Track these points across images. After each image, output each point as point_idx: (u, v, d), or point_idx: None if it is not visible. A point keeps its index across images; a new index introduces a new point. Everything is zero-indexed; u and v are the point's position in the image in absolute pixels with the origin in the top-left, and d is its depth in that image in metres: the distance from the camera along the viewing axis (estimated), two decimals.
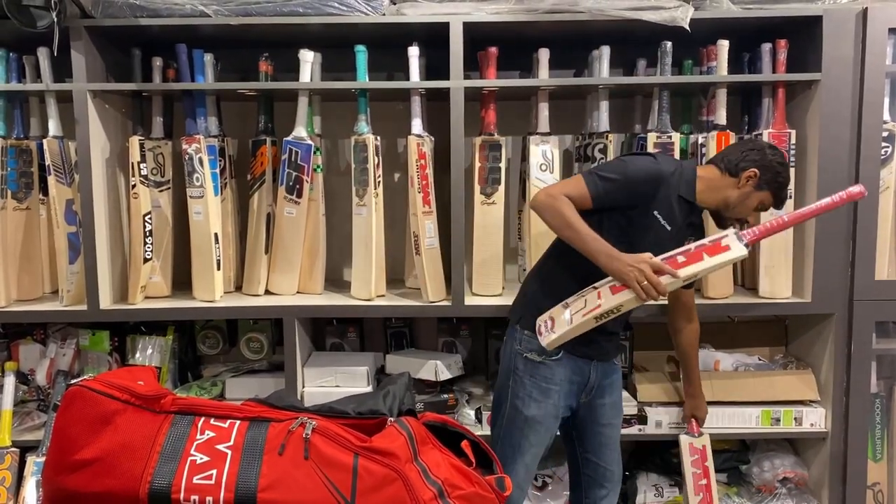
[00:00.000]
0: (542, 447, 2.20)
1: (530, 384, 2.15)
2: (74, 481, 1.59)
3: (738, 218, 2.13)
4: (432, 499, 1.58)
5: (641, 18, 2.36)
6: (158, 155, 2.62)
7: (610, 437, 2.30)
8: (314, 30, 2.48)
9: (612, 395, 2.29)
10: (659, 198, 2.06)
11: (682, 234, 2.13)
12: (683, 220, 2.12)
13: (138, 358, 2.68)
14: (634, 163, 2.08)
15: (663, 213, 2.08)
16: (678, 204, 2.10)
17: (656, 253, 2.01)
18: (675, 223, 2.10)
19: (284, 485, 1.56)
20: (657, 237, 2.08)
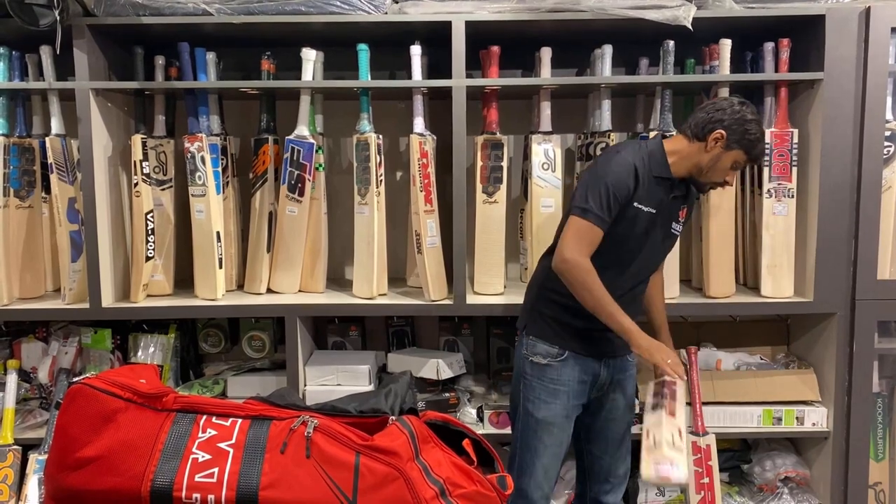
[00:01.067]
0: (559, 447, 2.19)
1: (539, 387, 2.16)
2: (77, 479, 1.59)
3: (716, 182, 2.10)
4: (434, 497, 1.58)
5: (644, 17, 2.36)
6: (161, 153, 2.62)
7: (616, 432, 2.28)
8: (316, 28, 2.48)
9: (625, 392, 2.26)
10: (636, 191, 2.05)
11: (670, 209, 2.12)
12: (667, 196, 2.10)
13: (140, 356, 2.68)
14: (607, 172, 2.03)
15: (643, 200, 2.06)
16: (655, 185, 2.07)
17: (646, 240, 2.09)
18: (657, 204, 2.08)
19: (286, 483, 1.56)
20: (645, 225, 2.08)
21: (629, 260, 2.12)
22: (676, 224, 2.18)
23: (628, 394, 2.28)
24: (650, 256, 2.16)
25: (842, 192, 2.46)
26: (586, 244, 2.02)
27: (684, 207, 2.18)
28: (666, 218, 2.12)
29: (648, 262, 2.17)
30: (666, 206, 2.11)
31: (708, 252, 2.55)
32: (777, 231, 2.53)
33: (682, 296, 2.59)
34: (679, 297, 2.57)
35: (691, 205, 2.25)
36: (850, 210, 2.47)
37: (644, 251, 2.13)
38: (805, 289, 2.54)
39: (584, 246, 2.02)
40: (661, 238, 2.15)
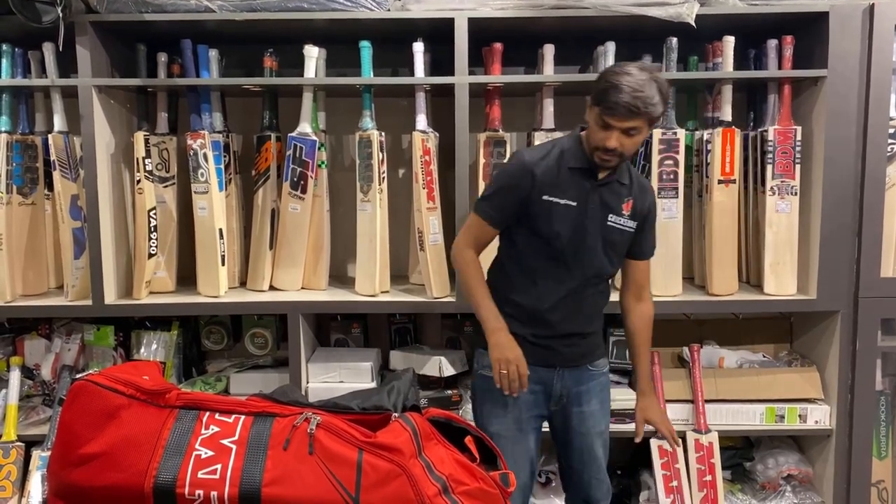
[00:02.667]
0: (519, 459, 2.07)
1: (490, 400, 2.09)
2: (80, 475, 1.59)
3: (597, 147, 1.95)
4: (436, 494, 1.58)
5: (647, 14, 2.36)
6: (163, 150, 2.62)
7: (588, 445, 2.15)
8: (319, 25, 2.48)
9: (589, 404, 2.14)
10: (540, 183, 2.00)
11: (601, 200, 2.03)
12: (590, 186, 2.02)
13: (143, 353, 2.68)
14: (502, 169, 2.12)
15: (557, 193, 2.00)
16: (574, 177, 2.02)
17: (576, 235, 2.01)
18: (577, 196, 2.01)
19: (289, 479, 1.56)
20: (565, 217, 2.01)
21: (562, 258, 2.04)
22: (617, 217, 2.06)
23: (594, 406, 2.15)
24: (588, 254, 2.05)
25: (845, 189, 2.45)
26: (472, 236, 2.10)
27: (629, 200, 2.06)
28: (597, 210, 2.03)
29: (588, 260, 2.05)
30: (592, 197, 2.02)
31: (711, 249, 2.55)
32: (780, 228, 2.52)
33: (685, 293, 2.59)
34: (682, 295, 2.57)
35: (644, 199, 2.10)
36: (853, 207, 2.46)
37: (578, 248, 2.03)
38: (808, 286, 2.54)
39: (469, 238, 2.10)
40: (597, 231, 2.04)
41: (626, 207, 2.07)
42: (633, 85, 1.85)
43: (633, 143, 1.94)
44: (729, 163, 2.51)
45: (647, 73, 1.89)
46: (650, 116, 1.89)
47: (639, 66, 1.91)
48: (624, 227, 2.08)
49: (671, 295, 2.55)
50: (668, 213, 2.52)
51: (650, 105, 1.86)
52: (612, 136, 1.90)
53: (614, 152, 1.92)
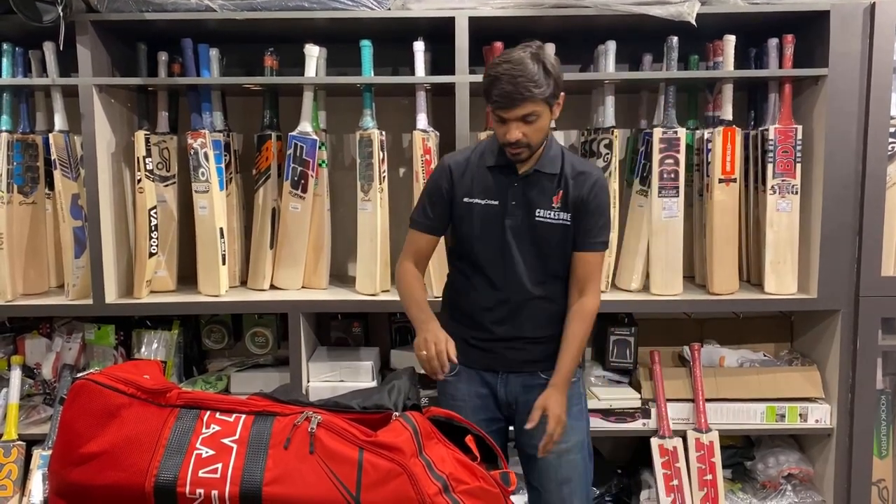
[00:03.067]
0: None
1: (444, 405, 1.98)
2: (80, 474, 1.59)
3: (502, 143, 1.88)
4: (437, 493, 1.58)
5: (648, 13, 2.36)
6: (164, 150, 2.62)
7: (548, 464, 1.95)
8: (319, 24, 2.47)
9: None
10: (459, 184, 1.96)
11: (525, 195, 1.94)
12: (509, 182, 1.94)
13: (143, 352, 2.68)
14: (428, 178, 2.07)
15: (477, 194, 1.95)
16: (495, 175, 1.95)
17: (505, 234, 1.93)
18: (498, 193, 1.94)
19: (290, 479, 1.56)
20: (484, 217, 1.95)
21: (488, 259, 1.97)
22: (545, 210, 1.93)
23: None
24: (521, 254, 1.95)
25: (846, 188, 2.45)
26: (410, 249, 2.06)
27: (559, 190, 1.93)
28: (520, 207, 1.93)
29: (514, 260, 1.95)
30: (514, 194, 1.94)
31: (711, 248, 2.55)
32: (781, 227, 2.52)
33: (686, 292, 2.59)
34: (682, 294, 2.57)
35: (580, 186, 1.93)
36: (854, 207, 2.46)
37: (501, 248, 1.95)
38: (809, 285, 2.54)
39: (408, 251, 2.07)
40: (521, 229, 1.94)
41: (555, 199, 1.94)
42: (510, 72, 1.78)
43: (537, 129, 1.84)
44: (730, 162, 2.51)
45: (526, 53, 1.80)
46: (538, 98, 1.79)
47: (519, 48, 1.83)
48: (553, 221, 1.94)
49: (672, 294, 2.55)
50: (668, 212, 2.52)
51: (533, 87, 1.77)
52: (511, 129, 1.83)
53: (518, 144, 1.84)
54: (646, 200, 2.57)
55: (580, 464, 2.00)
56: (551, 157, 1.95)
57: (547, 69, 1.80)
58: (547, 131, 1.90)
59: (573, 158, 1.99)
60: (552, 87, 1.82)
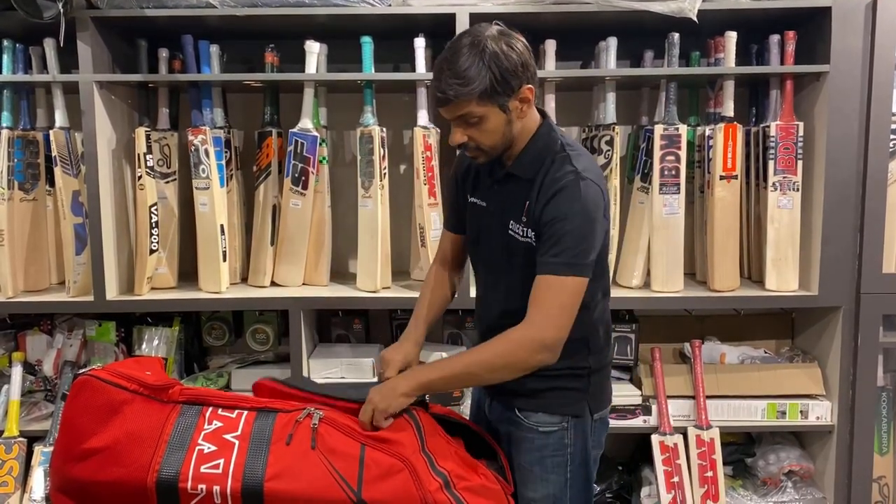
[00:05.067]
0: None
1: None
2: (82, 470, 1.59)
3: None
4: (438, 489, 1.58)
5: (649, 9, 2.35)
6: (164, 146, 2.62)
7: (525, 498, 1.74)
8: (320, 21, 2.47)
9: (519, 455, 1.75)
10: (463, 180, 1.83)
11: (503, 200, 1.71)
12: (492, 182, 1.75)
13: (144, 349, 2.69)
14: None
15: (475, 192, 1.79)
16: (485, 173, 1.76)
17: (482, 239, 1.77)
18: (485, 194, 1.77)
19: (291, 474, 1.56)
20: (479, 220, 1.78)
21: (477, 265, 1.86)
22: (516, 224, 1.67)
23: (523, 461, 1.74)
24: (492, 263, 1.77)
25: (847, 185, 2.45)
26: (440, 248, 1.96)
27: (527, 201, 1.64)
28: (498, 212, 1.71)
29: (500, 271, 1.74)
30: (495, 198, 1.73)
31: (712, 245, 2.55)
32: (782, 224, 2.52)
33: (687, 289, 2.59)
34: (683, 291, 2.57)
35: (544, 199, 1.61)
36: (855, 203, 2.46)
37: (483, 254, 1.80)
38: (810, 282, 2.54)
39: (438, 251, 1.97)
40: (498, 238, 1.71)
41: (524, 211, 1.65)
42: (440, 65, 1.55)
43: (486, 133, 1.58)
44: (731, 158, 2.51)
45: (467, 42, 1.54)
46: (470, 96, 1.52)
47: (469, 31, 1.58)
48: (520, 239, 1.66)
49: (673, 291, 2.55)
50: (669, 209, 2.52)
51: (459, 85, 1.51)
52: (455, 132, 1.61)
53: (467, 147, 1.63)
54: (647, 197, 2.56)
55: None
56: (531, 159, 1.65)
57: (486, 63, 1.51)
58: (506, 134, 1.61)
59: (559, 161, 1.63)
60: (493, 84, 1.52)
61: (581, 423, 1.74)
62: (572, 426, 1.73)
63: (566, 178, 1.59)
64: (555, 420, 1.72)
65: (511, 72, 1.54)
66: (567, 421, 1.73)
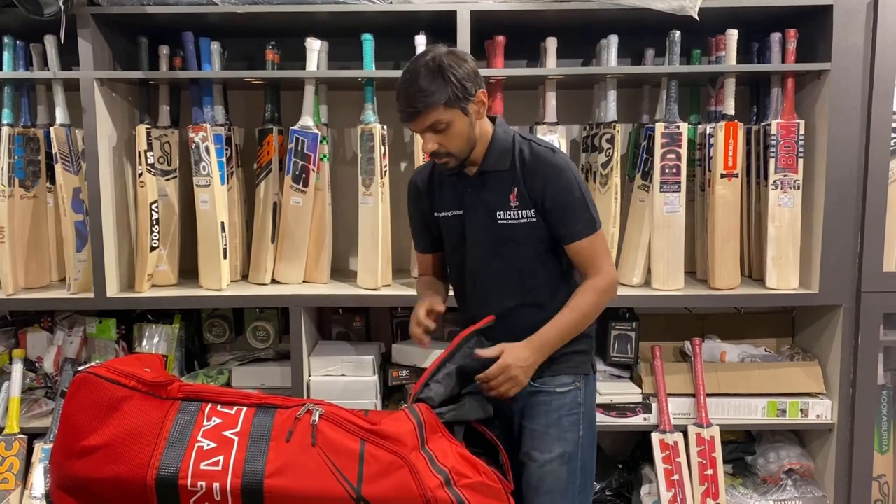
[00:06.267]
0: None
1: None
2: (82, 467, 1.59)
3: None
4: (439, 486, 1.58)
5: (650, 7, 2.35)
6: (165, 143, 2.62)
7: (529, 470, 1.84)
8: (321, 18, 2.47)
9: (531, 420, 1.86)
10: (429, 200, 1.94)
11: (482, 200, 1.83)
12: (467, 190, 1.85)
13: (145, 346, 2.69)
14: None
15: (443, 207, 1.91)
16: (452, 183, 1.88)
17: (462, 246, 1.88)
18: (459, 203, 1.87)
19: (291, 471, 1.56)
20: (453, 229, 1.90)
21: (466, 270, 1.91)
22: (506, 211, 1.81)
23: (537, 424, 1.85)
24: (483, 263, 1.86)
25: (848, 183, 2.45)
26: (419, 268, 2.12)
27: (514, 188, 1.79)
28: (479, 212, 1.83)
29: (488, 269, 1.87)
30: (471, 200, 1.84)
31: (713, 243, 2.55)
32: (783, 223, 2.52)
33: (687, 287, 2.58)
34: (684, 289, 2.57)
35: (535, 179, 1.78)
36: (856, 202, 2.46)
37: (472, 258, 1.88)
38: (810, 281, 2.53)
39: (419, 271, 2.12)
40: (486, 236, 1.84)
41: (512, 197, 1.80)
42: (404, 84, 1.71)
43: (454, 136, 1.74)
44: (732, 157, 2.50)
45: (424, 62, 1.71)
46: (436, 105, 1.68)
47: (424, 53, 1.75)
48: (515, 221, 1.81)
49: (673, 289, 2.55)
50: (670, 207, 2.52)
51: (424, 97, 1.68)
52: (425, 140, 1.75)
53: (439, 154, 1.76)
54: (647, 195, 2.56)
55: (564, 477, 1.84)
56: (499, 153, 1.82)
57: (444, 75, 1.68)
58: (470, 135, 1.76)
59: (528, 147, 1.81)
60: (454, 91, 1.69)
61: (589, 381, 1.93)
62: (583, 384, 1.90)
63: (548, 156, 1.80)
64: (569, 381, 1.88)
65: (467, 78, 1.72)
66: (579, 380, 1.90)
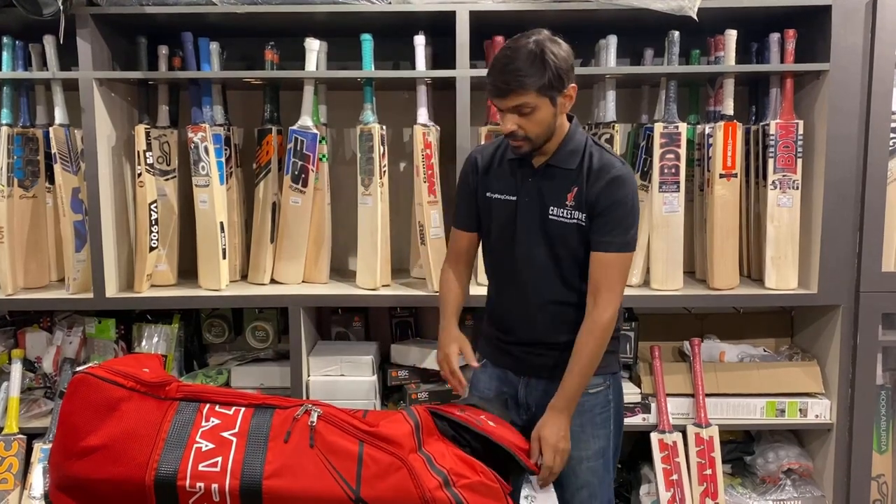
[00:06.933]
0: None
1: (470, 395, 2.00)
2: (81, 468, 1.59)
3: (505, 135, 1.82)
4: (437, 487, 1.58)
5: (649, 7, 2.35)
6: (164, 143, 2.62)
7: (569, 468, 1.86)
8: (320, 18, 2.47)
9: None
10: (483, 177, 1.93)
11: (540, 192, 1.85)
12: (524, 177, 1.87)
13: (144, 346, 2.69)
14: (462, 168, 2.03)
15: (494, 188, 1.90)
16: (513, 168, 1.89)
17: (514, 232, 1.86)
18: (515, 189, 1.88)
19: (290, 472, 1.56)
20: (501, 213, 1.90)
21: (503, 258, 1.92)
22: (560, 209, 1.83)
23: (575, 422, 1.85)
24: (524, 253, 1.88)
25: (847, 183, 2.45)
26: (451, 248, 2.07)
27: (574, 187, 1.82)
28: (534, 203, 1.85)
29: (526, 260, 1.88)
30: (528, 190, 1.86)
31: (712, 243, 2.55)
32: (781, 222, 2.52)
33: (686, 287, 2.58)
34: (683, 289, 2.57)
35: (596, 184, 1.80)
36: (855, 202, 2.46)
37: (512, 246, 1.89)
38: (809, 281, 2.53)
39: (450, 251, 2.08)
40: (534, 228, 1.86)
41: (569, 197, 1.83)
42: (504, 61, 1.72)
43: (536, 122, 1.75)
44: (730, 157, 2.51)
45: (529, 41, 1.72)
46: (529, 88, 1.70)
47: (527, 35, 1.75)
48: (566, 220, 1.83)
49: (672, 289, 2.55)
50: (669, 207, 2.52)
51: (523, 77, 1.69)
52: (506, 120, 1.76)
53: (515, 136, 1.77)
54: (646, 195, 2.56)
55: (600, 469, 1.92)
56: (569, 152, 1.84)
57: (545, 59, 1.70)
58: (550, 125, 1.79)
59: (598, 153, 1.84)
60: (550, 79, 1.71)
61: (616, 379, 1.98)
62: (612, 383, 1.95)
63: (616, 166, 1.82)
64: (600, 381, 1.90)
65: (564, 71, 1.76)
66: (609, 379, 1.94)
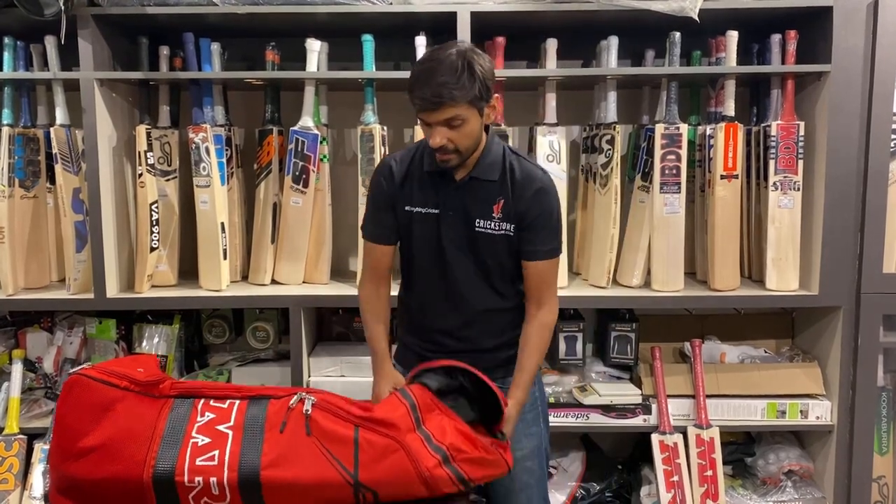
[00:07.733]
0: None
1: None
2: (79, 468, 1.60)
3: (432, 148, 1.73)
4: (437, 465, 1.58)
5: (650, 9, 2.35)
6: (165, 144, 2.63)
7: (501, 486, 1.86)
8: (321, 19, 2.47)
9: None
10: (400, 190, 1.83)
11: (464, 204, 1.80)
12: (446, 189, 1.81)
13: (145, 346, 2.69)
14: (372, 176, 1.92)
15: (413, 201, 1.82)
16: (434, 181, 1.81)
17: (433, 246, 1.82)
18: (436, 202, 1.81)
19: (287, 461, 1.57)
20: (424, 227, 1.83)
21: (430, 271, 1.85)
22: (487, 221, 1.79)
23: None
24: (452, 266, 1.83)
25: (848, 185, 2.45)
26: (367, 262, 1.93)
27: (500, 199, 1.78)
28: (458, 217, 1.80)
29: (455, 273, 1.83)
30: (452, 203, 1.80)
31: (713, 244, 2.54)
32: (782, 224, 2.52)
33: (687, 288, 2.58)
34: (683, 290, 2.56)
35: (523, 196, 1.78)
36: (856, 203, 2.45)
37: (440, 260, 1.83)
38: (810, 282, 2.53)
39: (365, 268, 1.94)
40: (460, 241, 1.81)
41: (496, 208, 1.80)
42: (427, 73, 1.66)
43: (465, 134, 1.69)
44: (731, 158, 2.50)
45: (452, 52, 1.66)
46: (460, 101, 1.64)
47: (447, 45, 1.70)
48: (494, 232, 1.80)
49: (673, 290, 2.55)
50: (670, 208, 2.52)
51: (455, 90, 1.63)
52: (435, 133, 1.69)
53: (445, 150, 1.70)
54: (647, 196, 2.56)
55: (537, 470, 1.92)
56: (490, 163, 1.80)
57: (473, 70, 1.65)
58: (478, 136, 1.75)
59: (518, 163, 1.81)
60: (478, 90, 1.66)
61: (539, 376, 1.96)
62: (537, 380, 1.94)
63: (538, 176, 1.82)
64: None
65: (491, 81, 1.72)
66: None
